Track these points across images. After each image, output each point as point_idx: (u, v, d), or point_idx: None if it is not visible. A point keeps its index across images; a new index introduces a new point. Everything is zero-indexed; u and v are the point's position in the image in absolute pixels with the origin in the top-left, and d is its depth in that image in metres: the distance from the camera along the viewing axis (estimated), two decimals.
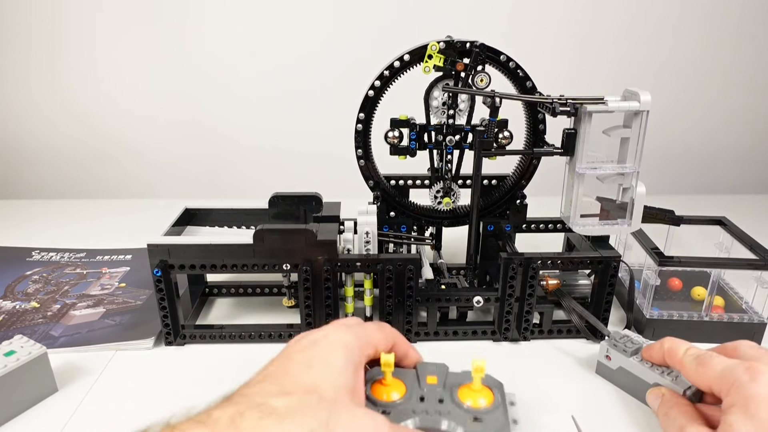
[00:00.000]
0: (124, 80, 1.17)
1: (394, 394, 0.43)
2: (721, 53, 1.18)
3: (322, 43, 1.14)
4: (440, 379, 0.45)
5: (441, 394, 0.43)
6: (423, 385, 0.45)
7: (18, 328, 0.69)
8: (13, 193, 1.25)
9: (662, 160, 1.23)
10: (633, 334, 0.59)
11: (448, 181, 0.69)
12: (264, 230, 0.62)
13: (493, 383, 0.46)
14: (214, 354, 0.66)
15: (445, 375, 0.46)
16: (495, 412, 0.42)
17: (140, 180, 1.26)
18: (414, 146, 0.67)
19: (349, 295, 0.68)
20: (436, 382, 0.45)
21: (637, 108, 0.59)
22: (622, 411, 0.56)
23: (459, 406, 0.42)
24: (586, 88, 0.65)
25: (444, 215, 0.73)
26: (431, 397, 0.43)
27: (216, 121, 1.21)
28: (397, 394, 0.43)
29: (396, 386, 0.44)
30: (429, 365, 0.47)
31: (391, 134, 0.66)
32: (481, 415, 0.41)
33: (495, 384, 0.46)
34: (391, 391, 0.43)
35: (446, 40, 0.62)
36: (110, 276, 0.83)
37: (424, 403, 0.43)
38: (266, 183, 0.99)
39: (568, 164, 0.65)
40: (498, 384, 0.46)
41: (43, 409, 0.56)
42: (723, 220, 0.76)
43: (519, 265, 0.64)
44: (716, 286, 0.68)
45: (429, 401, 0.43)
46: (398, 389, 0.44)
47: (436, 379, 0.45)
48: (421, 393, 0.44)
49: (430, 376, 0.45)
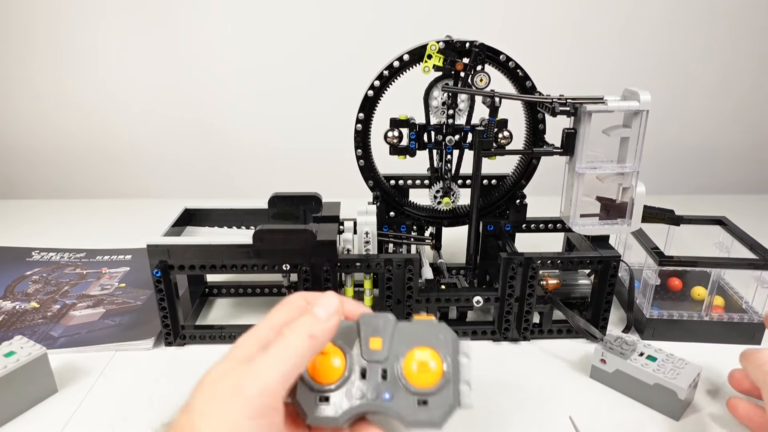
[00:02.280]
0: (124, 81, 1.17)
1: (333, 364, 0.39)
2: (721, 53, 1.18)
3: (322, 44, 1.14)
4: (386, 340, 0.40)
5: (384, 365, 0.39)
6: (365, 351, 0.40)
7: (18, 328, 0.69)
8: (13, 193, 1.25)
9: (662, 160, 1.23)
10: (626, 336, 0.59)
11: (447, 180, 0.69)
12: (264, 230, 0.62)
13: (443, 339, 0.40)
14: (214, 354, 0.64)
15: (392, 333, 0.40)
16: (443, 390, 0.38)
17: (140, 180, 1.26)
18: (414, 146, 0.67)
19: (349, 295, 0.68)
20: (381, 346, 0.40)
21: (636, 108, 0.59)
22: (621, 412, 0.56)
23: (403, 386, 0.38)
24: (585, 88, 0.65)
25: (444, 215, 0.73)
26: (373, 370, 0.39)
27: (216, 121, 1.21)
28: (339, 361, 0.39)
29: (334, 353, 0.40)
30: (372, 320, 0.41)
31: (390, 134, 0.66)
32: (428, 397, 0.38)
33: (445, 339, 0.40)
34: (328, 363, 0.39)
35: (446, 40, 0.62)
36: (110, 276, 0.83)
37: (365, 381, 0.39)
38: (266, 183, 0.99)
39: (567, 164, 0.65)
40: (449, 338, 0.40)
41: (43, 410, 0.56)
42: (723, 220, 0.76)
43: (519, 265, 0.64)
44: (716, 286, 0.68)
45: (371, 377, 0.39)
46: (338, 355, 0.39)
47: (380, 341, 0.40)
48: (362, 364, 0.39)
49: (374, 336, 0.40)
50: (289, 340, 0.36)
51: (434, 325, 0.41)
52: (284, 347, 0.36)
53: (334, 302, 0.39)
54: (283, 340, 0.37)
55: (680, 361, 0.57)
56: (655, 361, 0.56)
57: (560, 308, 0.66)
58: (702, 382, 0.59)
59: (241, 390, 0.34)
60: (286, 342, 0.36)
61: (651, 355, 0.57)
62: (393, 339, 0.40)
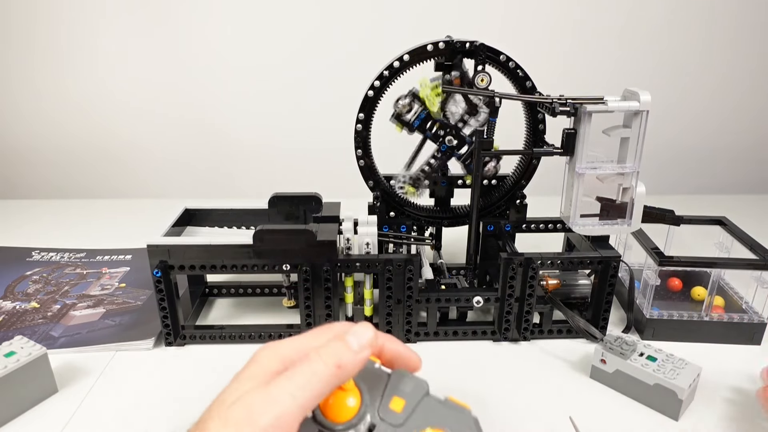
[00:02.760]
0: (124, 81, 1.17)
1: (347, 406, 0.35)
2: (721, 53, 1.18)
3: (322, 44, 1.14)
4: (408, 405, 0.35)
5: (397, 430, 0.35)
6: (382, 409, 0.35)
7: (18, 328, 0.69)
8: (13, 193, 1.25)
9: (662, 160, 1.23)
10: (626, 336, 0.59)
11: (424, 174, 0.68)
12: (264, 230, 0.62)
13: (466, 423, 0.36)
14: (214, 354, 0.66)
15: (418, 401, 0.36)
16: None
17: (140, 180, 1.26)
18: (416, 124, 0.66)
19: (349, 301, 0.68)
20: (401, 409, 0.35)
21: (637, 108, 0.59)
22: (621, 412, 0.56)
23: None
24: (585, 88, 0.65)
25: (444, 215, 0.73)
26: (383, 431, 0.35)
27: (216, 121, 1.21)
28: (354, 401, 0.35)
29: (353, 393, 0.36)
30: (404, 379, 0.37)
31: (401, 101, 0.64)
32: None
33: (468, 424, 0.36)
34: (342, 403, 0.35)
35: (446, 41, 0.62)
36: (110, 276, 0.83)
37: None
38: (266, 183, 0.99)
39: (567, 164, 0.65)
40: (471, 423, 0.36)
41: (43, 410, 0.56)
42: (723, 220, 0.76)
43: (519, 265, 0.64)
44: (716, 286, 0.68)
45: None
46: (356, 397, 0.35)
47: (403, 404, 0.35)
48: (374, 420, 0.35)
49: (398, 397, 0.36)
50: (314, 367, 0.33)
51: (466, 415, 0.36)
52: (308, 373, 0.33)
53: (369, 334, 0.36)
54: (307, 365, 0.33)
55: (680, 361, 0.57)
56: (655, 361, 0.56)
57: (560, 308, 0.66)
58: (702, 382, 0.59)
59: (255, 419, 0.31)
60: (311, 368, 0.33)
61: (651, 356, 0.57)
62: (416, 409, 0.36)
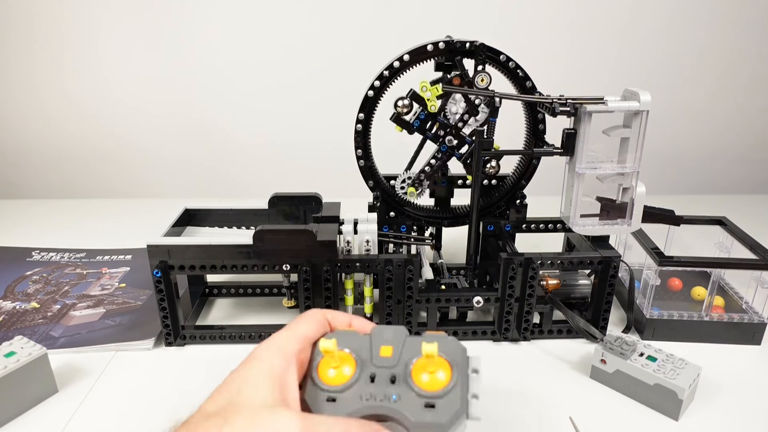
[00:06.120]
0: (124, 81, 1.17)
1: (343, 372, 0.40)
2: (721, 53, 1.18)
3: (322, 44, 1.14)
4: (396, 349, 0.41)
5: (394, 370, 0.40)
6: (375, 358, 0.41)
7: (18, 328, 0.69)
8: (13, 193, 1.25)
9: (662, 160, 1.23)
10: (627, 336, 0.59)
11: (425, 175, 0.68)
12: (264, 231, 0.62)
13: (453, 351, 0.41)
14: (214, 354, 0.66)
15: (402, 343, 0.41)
16: (451, 394, 0.39)
17: (140, 180, 1.26)
18: (416, 125, 0.66)
19: (349, 304, 0.68)
20: (391, 354, 0.41)
21: (637, 108, 0.59)
22: (621, 412, 0.56)
23: (411, 388, 0.39)
24: (585, 88, 0.65)
25: (444, 215, 0.73)
26: (382, 375, 0.40)
27: (216, 121, 1.21)
28: (349, 368, 0.40)
29: (346, 361, 0.41)
30: (385, 331, 0.42)
31: (401, 102, 0.64)
32: (435, 400, 0.38)
33: (455, 351, 0.41)
34: (339, 370, 0.40)
35: (446, 41, 0.62)
36: (110, 276, 0.83)
37: (373, 384, 0.39)
38: (266, 183, 0.99)
39: (568, 164, 0.65)
40: (458, 351, 0.41)
41: (44, 410, 0.56)
42: (723, 220, 0.76)
43: (519, 265, 0.64)
44: (716, 286, 0.68)
45: (379, 382, 0.39)
46: (349, 363, 0.40)
47: (391, 350, 0.41)
48: (371, 370, 0.40)
49: (385, 345, 0.41)
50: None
51: (444, 338, 0.42)
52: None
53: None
54: None
55: (680, 361, 0.57)
56: (655, 361, 0.56)
57: (560, 308, 0.66)
58: (702, 382, 0.59)
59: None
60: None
61: (651, 356, 0.57)
62: (403, 348, 0.41)
